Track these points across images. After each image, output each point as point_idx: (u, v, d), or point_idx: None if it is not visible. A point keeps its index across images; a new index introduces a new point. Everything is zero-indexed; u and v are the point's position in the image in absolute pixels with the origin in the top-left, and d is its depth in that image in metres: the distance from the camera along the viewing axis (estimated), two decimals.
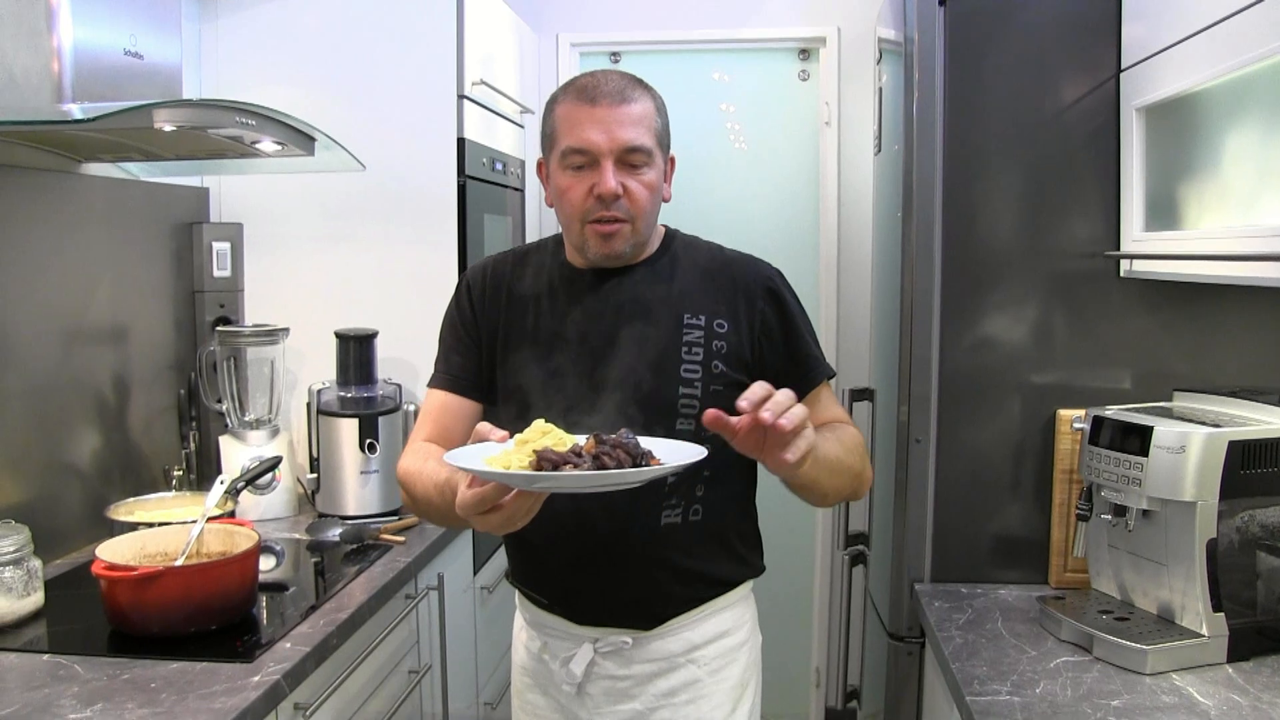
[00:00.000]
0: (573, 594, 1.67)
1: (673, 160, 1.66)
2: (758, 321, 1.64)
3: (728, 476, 1.66)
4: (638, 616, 1.65)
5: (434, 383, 1.71)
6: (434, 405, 1.70)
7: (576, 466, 1.21)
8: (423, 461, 1.56)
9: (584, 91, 1.56)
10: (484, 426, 1.32)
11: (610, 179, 1.52)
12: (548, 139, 1.61)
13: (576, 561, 1.63)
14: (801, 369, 1.65)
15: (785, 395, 1.27)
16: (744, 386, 1.54)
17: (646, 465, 1.25)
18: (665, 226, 1.72)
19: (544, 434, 1.30)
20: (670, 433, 1.52)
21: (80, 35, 1.79)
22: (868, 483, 1.66)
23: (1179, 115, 1.82)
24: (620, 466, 1.22)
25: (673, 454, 1.31)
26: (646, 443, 1.31)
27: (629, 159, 1.54)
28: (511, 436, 1.31)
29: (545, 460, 1.22)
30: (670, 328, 1.61)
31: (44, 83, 1.76)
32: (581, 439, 1.30)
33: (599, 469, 1.22)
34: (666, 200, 1.64)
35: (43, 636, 1.72)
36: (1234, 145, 1.66)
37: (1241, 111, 1.63)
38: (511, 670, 1.84)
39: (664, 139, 1.61)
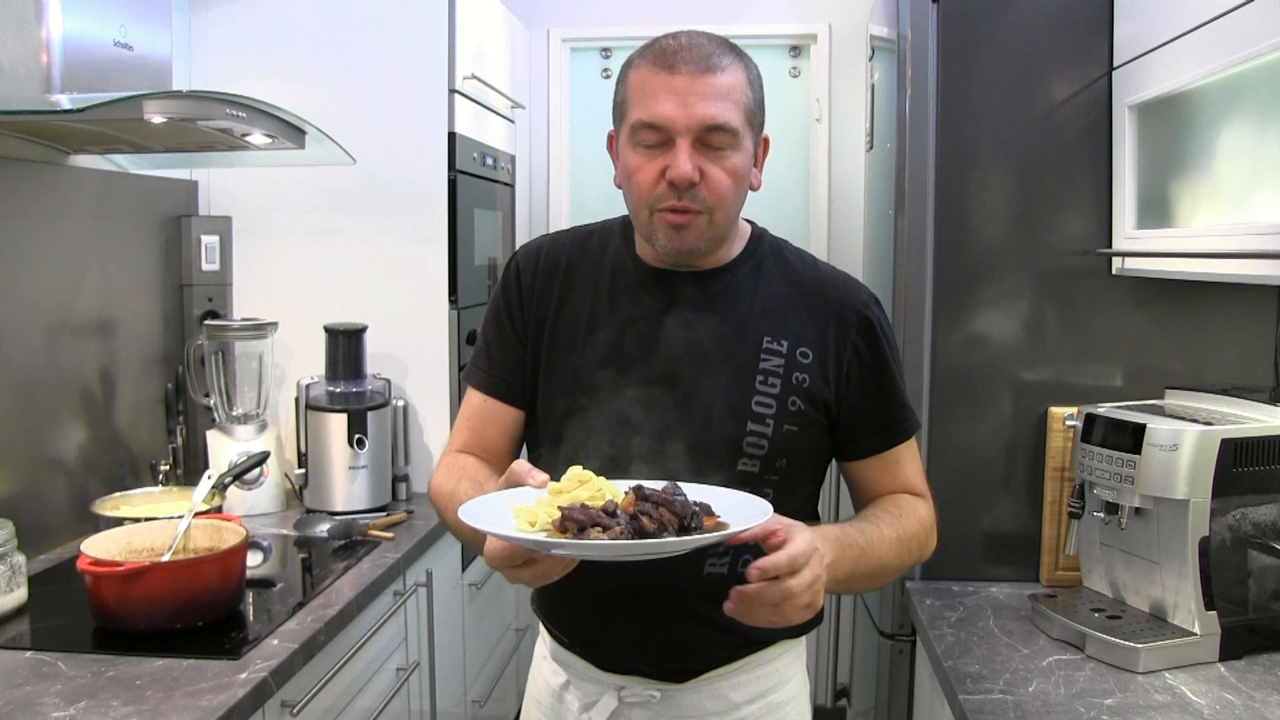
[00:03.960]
0: (597, 637, 1.47)
1: (766, 142, 1.40)
2: (848, 357, 1.39)
3: None
4: (668, 669, 1.43)
5: (472, 380, 1.50)
6: (472, 408, 1.49)
7: (606, 529, 1.05)
8: (455, 482, 1.38)
9: (662, 55, 1.30)
10: (521, 468, 1.16)
11: (685, 162, 1.27)
12: (618, 109, 1.37)
13: (603, 602, 1.42)
14: (885, 422, 1.42)
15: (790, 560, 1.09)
16: (821, 430, 1.40)
17: (698, 529, 1.08)
18: (752, 224, 1.48)
19: (580, 483, 1.14)
20: (730, 474, 1.34)
21: (70, 26, 1.78)
22: (924, 558, 1.44)
23: (1171, 113, 1.82)
24: (662, 530, 1.06)
25: (734, 509, 1.13)
26: (702, 492, 1.14)
27: (709, 139, 1.29)
28: (551, 467, 1.17)
29: (570, 520, 1.05)
30: (745, 351, 1.38)
31: (32, 73, 1.74)
32: (623, 486, 1.14)
33: (636, 532, 1.05)
34: (755, 189, 1.39)
35: (26, 633, 1.70)
36: (1226, 143, 1.66)
37: (1233, 110, 1.63)
38: (524, 703, 1.63)
39: (755, 117, 1.34)
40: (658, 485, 1.12)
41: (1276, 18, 1.42)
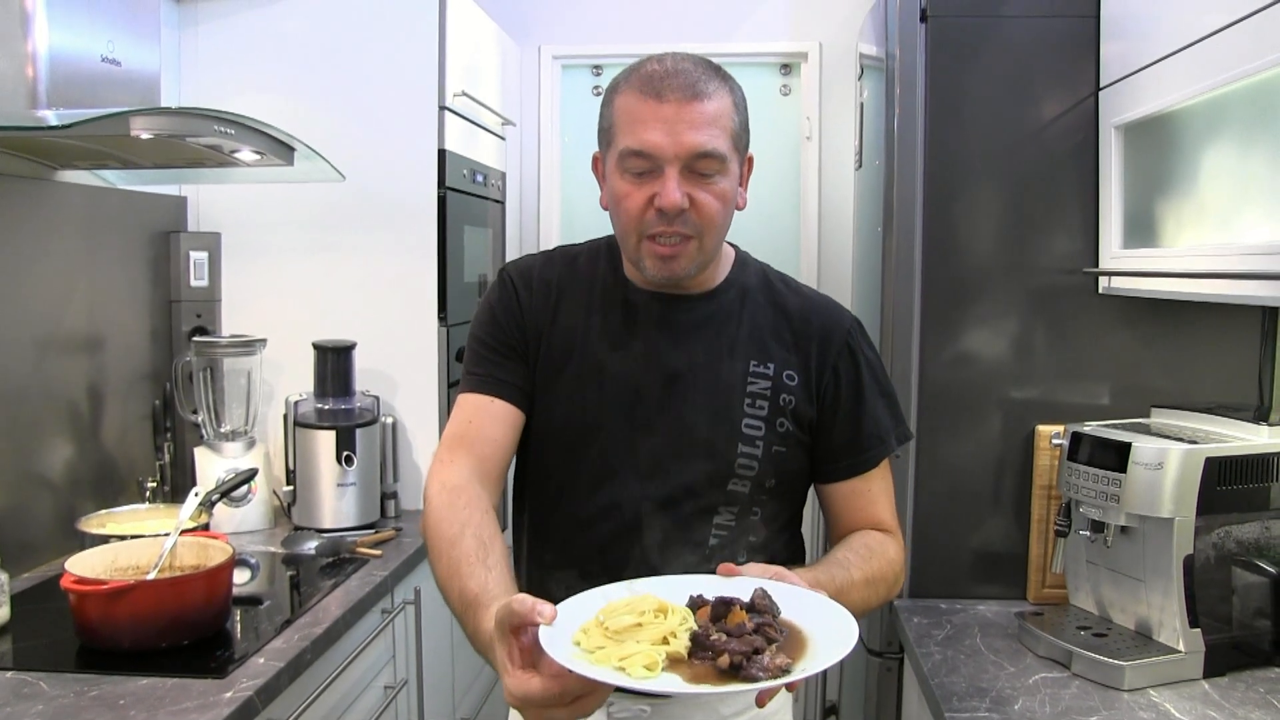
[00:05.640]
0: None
1: (750, 161, 1.41)
2: (828, 380, 1.42)
3: (775, 540, 1.44)
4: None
5: (467, 386, 1.43)
6: (469, 407, 1.41)
7: (759, 652, 0.97)
8: (459, 529, 1.26)
9: (650, 82, 1.30)
10: (523, 606, 1.00)
11: (674, 190, 1.29)
12: (604, 134, 1.37)
13: None
14: (860, 445, 1.44)
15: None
16: (807, 450, 1.43)
17: (784, 634, 1.04)
18: (735, 247, 1.50)
19: (659, 609, 1.06)
20: (722, 495, 1.37)
21: (56, 41, 1.77)
22: (891, 598, 1.45)
23: (1157, 133, 1.83)
24: (771, 642, 1.01)
25: (803, 609, 1.08)
26: (700, 583, 1.12)
27: (698, 166, 1.30)
28: (542, 491, 1.16)
29: (737, 654, 0.96)
30: (734, 375, 1.40)
31: (18, 88, 1.74)
32: (662, 586, 1.10)
33: (756, 652, 0.98)
34: (741, 208, 1.40)
35: (8, 652, 1.69)
36: (1211, 163, 1.67)
37: (1218, 130, 1.64)
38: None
39: (741, 140, 1.36)
40: (735, 590, 1.08)
41: (1260, 39, 1.43)
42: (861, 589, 1.31)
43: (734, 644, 0.98)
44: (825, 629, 1.04)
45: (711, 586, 1.11)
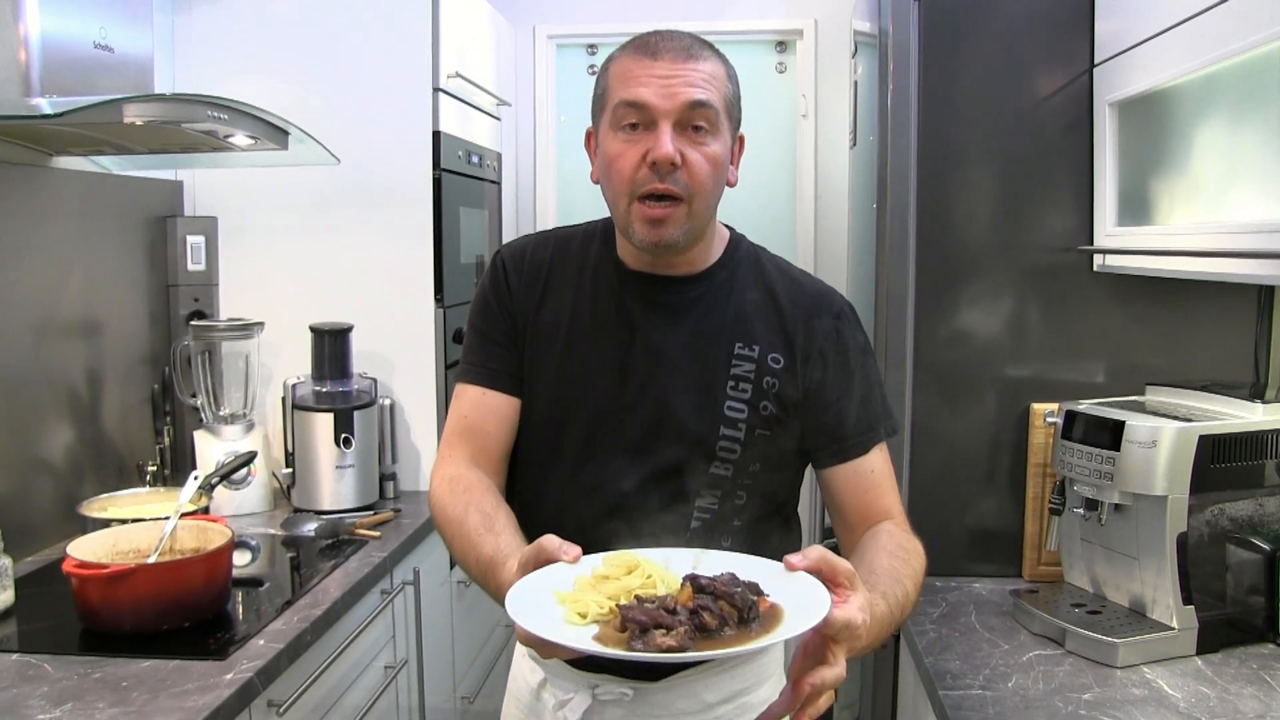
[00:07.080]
0: None
1: (741, 140, 1.41)
2: (815, 364, 1.41)
3: (762, 525, 1.44)
4: (640, 667, 1.38)
5: (465, 377, 1.47)
6: (468, 403, 1.45)
7: (669, 630, 0.99)
8: (464, 509, 1.33)
9: (645, 45, 1.34)
10: (551, 544, 1.12)
11: (668, 143, 1.29)
12: (598, 100, 1.39)
13: None
14: (849, 430, 1.42)
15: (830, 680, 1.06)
16: (794, 435, 1.42)
17: (755, 620, 1.03)
18: (730, 230, 1.50)
19: (628, 569, 1.10)
20: (704, 477, 1.38)
21: (48, 26, 1.77)
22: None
23: (1151, 111, 1.83)
24: (723, 625, 1.01)
25: (780, 585, 1.08)
26: (745, 563, 1.11)
27: (692, 119, 1.30)
28: (530, 470, 1.17)
29: (632, 622, 1.00)
30: (717, 357, 1.40)
31: (11, 75, 1.74)
32: (657, 556, 1.12)
33: (698, 627, 1.00)
34: (732, 184, 1.40)
35: (12, 635, 1.70)
36: (1204, 141, 1.67)
37: (1211, 108, 1.64)
38: (504, 700, 1.61)
39: (733, 110, 1.37)
40: (713, 569, 1.09)
41: (1252, 16, 1.43)
42: (910, 607, 1.30)
43: (634, 613, 1.00)
44: (796, 614, 1.03)
45: (736, 566, 1.11)
